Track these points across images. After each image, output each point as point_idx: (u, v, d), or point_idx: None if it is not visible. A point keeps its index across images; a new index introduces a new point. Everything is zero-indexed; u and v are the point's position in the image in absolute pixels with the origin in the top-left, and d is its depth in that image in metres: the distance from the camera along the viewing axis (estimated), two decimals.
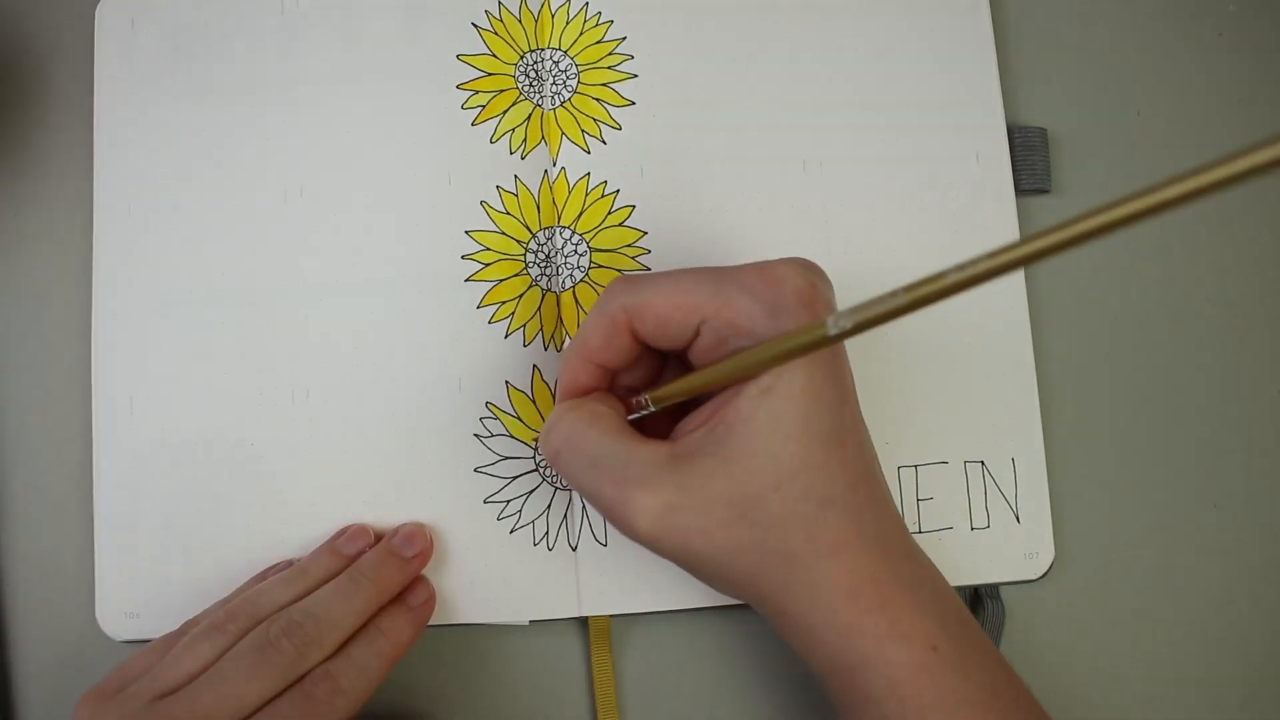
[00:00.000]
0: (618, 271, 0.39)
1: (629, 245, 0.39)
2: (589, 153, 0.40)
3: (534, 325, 0.39)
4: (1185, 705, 0.39)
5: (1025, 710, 0.31)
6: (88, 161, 0.41)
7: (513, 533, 0.38)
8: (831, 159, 0.40)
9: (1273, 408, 0.41)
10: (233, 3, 0.41)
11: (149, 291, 0.40)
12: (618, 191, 0.40)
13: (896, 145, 0.40)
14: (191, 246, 0.40)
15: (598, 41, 0.41)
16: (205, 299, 0.39)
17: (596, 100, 0.40)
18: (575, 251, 0.39)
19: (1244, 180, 0.21)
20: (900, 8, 0.41)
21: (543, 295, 0.39)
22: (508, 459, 0.38)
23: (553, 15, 0.41)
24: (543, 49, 0.41)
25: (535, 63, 0.41)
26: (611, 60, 0.41)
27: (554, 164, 0.40)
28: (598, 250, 0.39)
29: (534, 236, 0.40)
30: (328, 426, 0.39)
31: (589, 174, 0.40)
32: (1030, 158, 0.41)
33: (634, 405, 0.33)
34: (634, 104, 0.40)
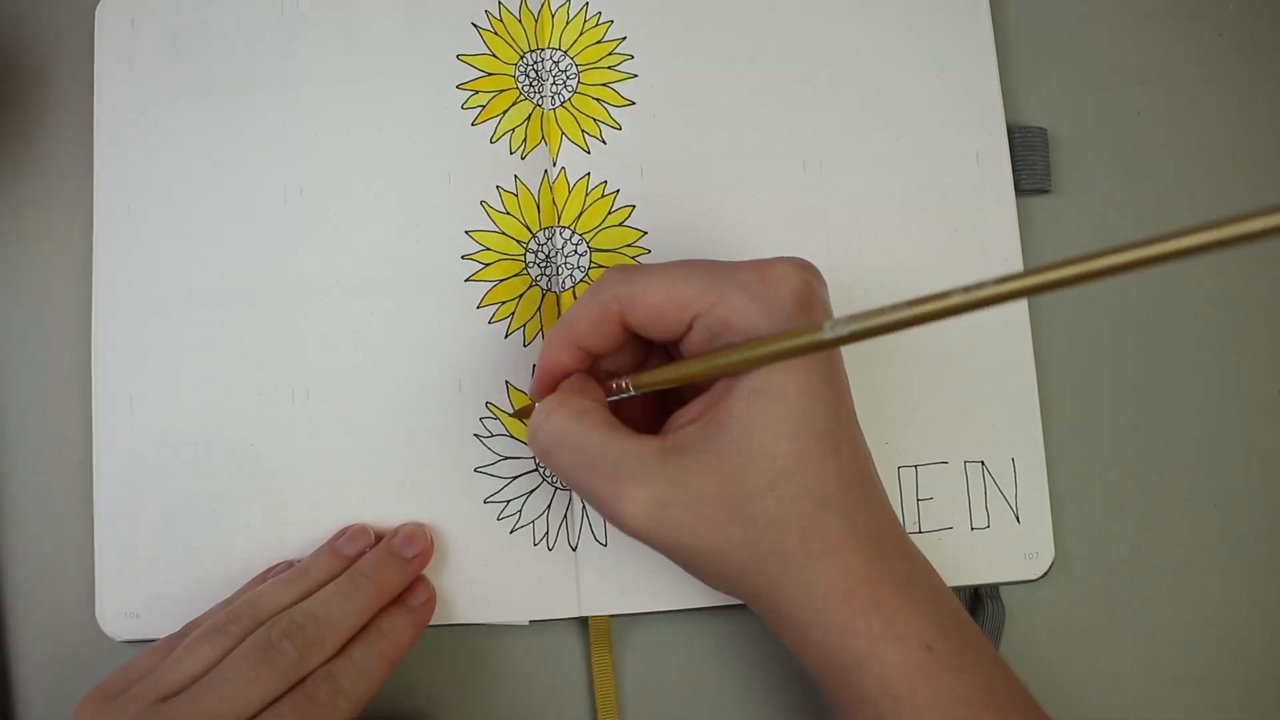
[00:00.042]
0: None
1: (629, 245, 0.39)
2: (589, 153, 0.40)
3: (534, 325, 0.39)
4: (1185, 705, 0.39)
5: (1022, 710, 0.31)
6: (88, 161, 0.41)
7: (513, 533, 0.38)
8: (831, 159, 0.40)
9: (1273, 408, 0.41)
10: (233, 3, 0.41)
11: (149, 291, 0.39)
12: (618, 191, 0.40)
13: (896, 145, 0.40)
14: (191, 246, 0.40)
15: (598, 41, 0.41)
16: (205, 299, 0.39)
17: (596, 100, 0.40)
18: (575, 251, 0.39)
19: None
20: (900, 8, 0.41)
21: (543, 295, 0.39)
22: (508, 459, 0.38)
23: (553, 15, 0.41)
24: (543, 49, 0.41)
25: (535, 63, 0.41)
26: (611, 60, 0.41)
27: (554, 164, 0.40)
28: (598, 250, 0.39)
29: (534, 236, 0.40)
30: (328, 426, 0.39)
31: (589, 174, 0.40)
32: (1030, 158, 0.41)
33: (614, 388, 0.33)
34: (634, 104, 0.40)
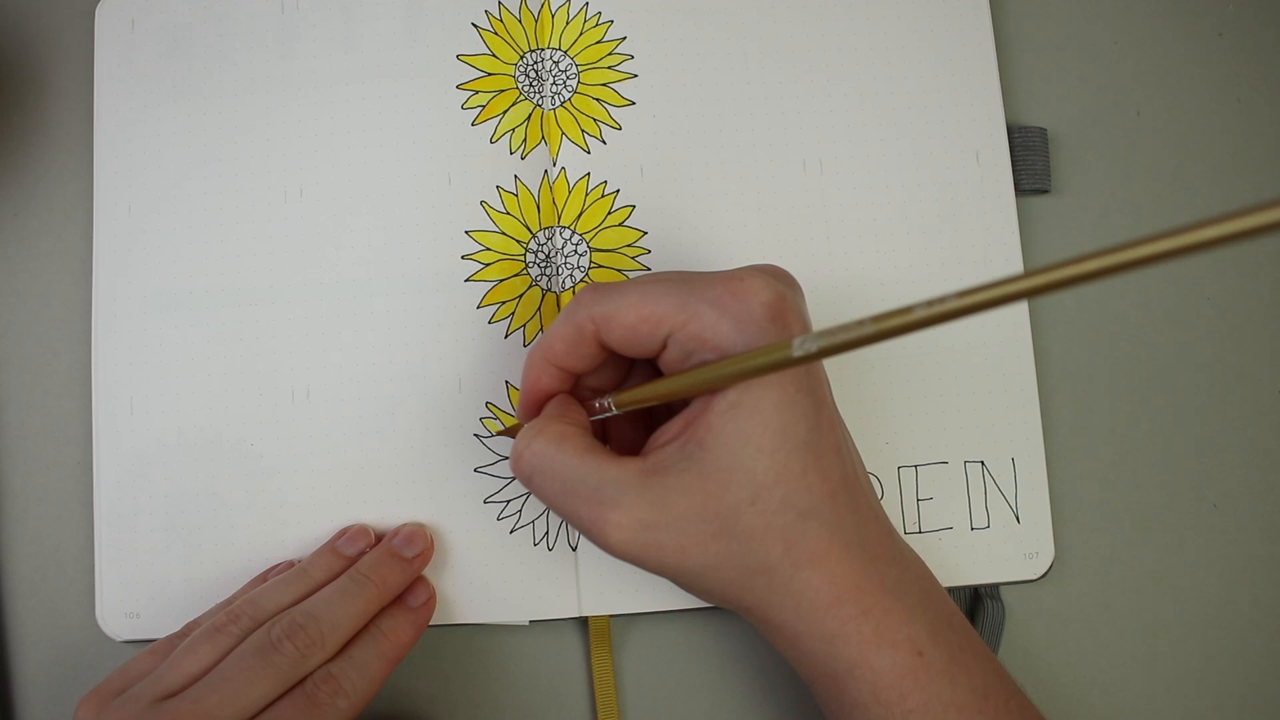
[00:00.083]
0: (618, 271, 0.39)
1: (629, 245, 0.39)
2: (589, 153, 0.40)
3: (534, 325, 0.39)
4: (1185, 705, 0.39)
5: (1015, 713, 0.31)
6: (88, 161, 0.41)
7: (513, 533, 0.38)
8: (831, 159, 0.40)
9: (1273, 408, 0.41)
10: (233, 3, 0.41)
11: (149, 291, 0.39)
12: (618, 191, 0.40)
13: (896, 145, 0.40)
14: (191, 247, 0.40)
15: (598, 41, 0.41)
16: (205, 299, 0.39)
17: (596, 100, 0.40)
18: (575, 251, 0.39)
19: (1233, 242, 0.20)
20: (900, 8, 0.41)
21: (543, 295, 0.39)
22: (507, 459, 0.38)
23: (553, 15, 0.41)
24: (543, 49, 0.41)
25: (535, 63, 0.41)
26: (611, 60, 0.41)
27: (554, 164, 0.40)
28: (598, 250, 0.39)
29: (534, 236, 0.40)
30: (328, 426, 0.39)
31: (589, 174, 0.40)
32: (1030, 158, 0.41)
33: (597, 407, 0.33)
34: (634, 104, 0.40)
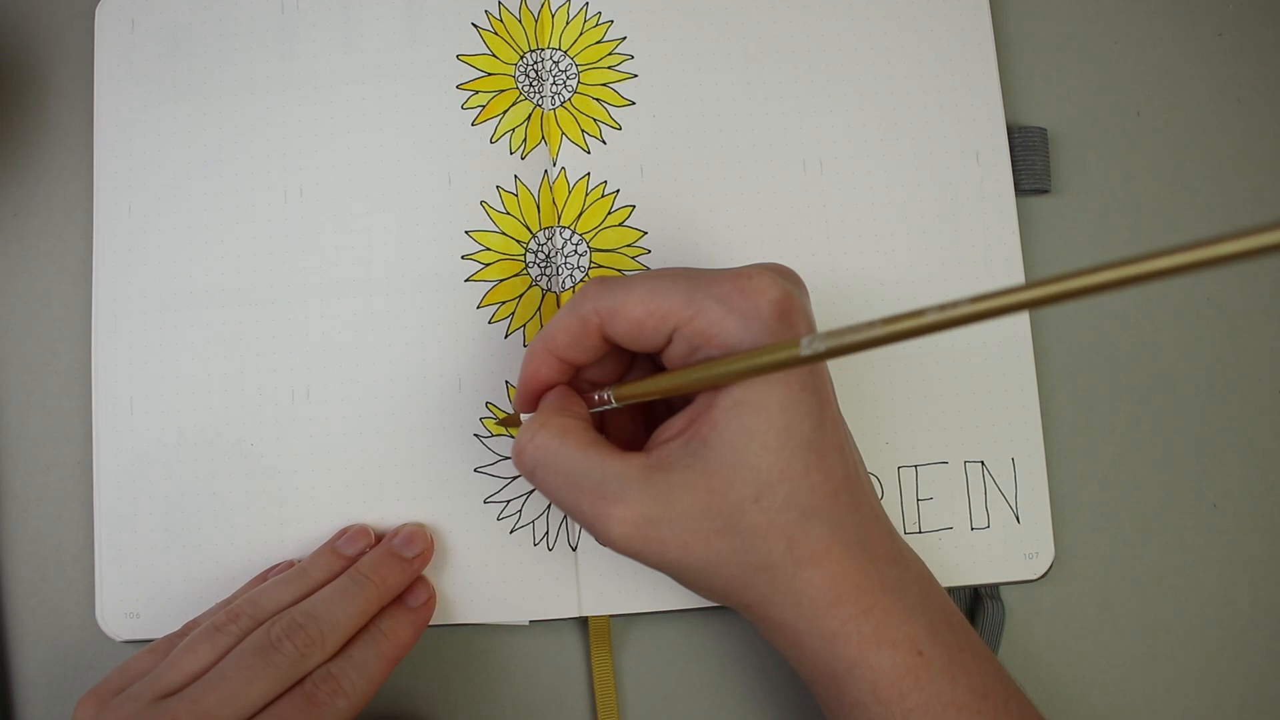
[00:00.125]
0: (618, 271, 0.39)
1: (629, 245, 0.39)
2: (589, 153, 0.40)
3: (534, 325, 0.39)
4: (1185, 705, 0.39)
5: (1015, 712, 0.31)
6: (88, 161, 0.41)
7: (513, 533, 0.38)
8: (831, 159, 0.40)
9: (1273, 408, 0.41)
10: (233, 3, 0.41)
11: (149, 291, 0.39)
12: (618, 191, 0.40)
13: (896, 145, 0.40)
14: (191, 246, 0.40)
15: (598, 41, 0.41)
16: (205, 299, 0.39)
17: (596, 100, 0.40)
18: (575, 251, 0.39)
19: (1245, 259, 0.20)
20: (900, 8, 0.41)
21: (543, 295, 0.39)
22: (508, 459, 0.38)
23: (553, 15, 0.41)
24: (543, 49, 0.41)
25: (535, 63, 0.41)
26: (611, 60, 0.41)
27: (554, 164, 0.40)
28: (598, 250, 0.39)
29: (534, 236, 0.40)
30: (328, 426, 0.39)
31: (589, 174, 0.40)
32: (1030, 158, 0.41)
33: (595, 400, 0.33)
34: (634, 104, 0.40)
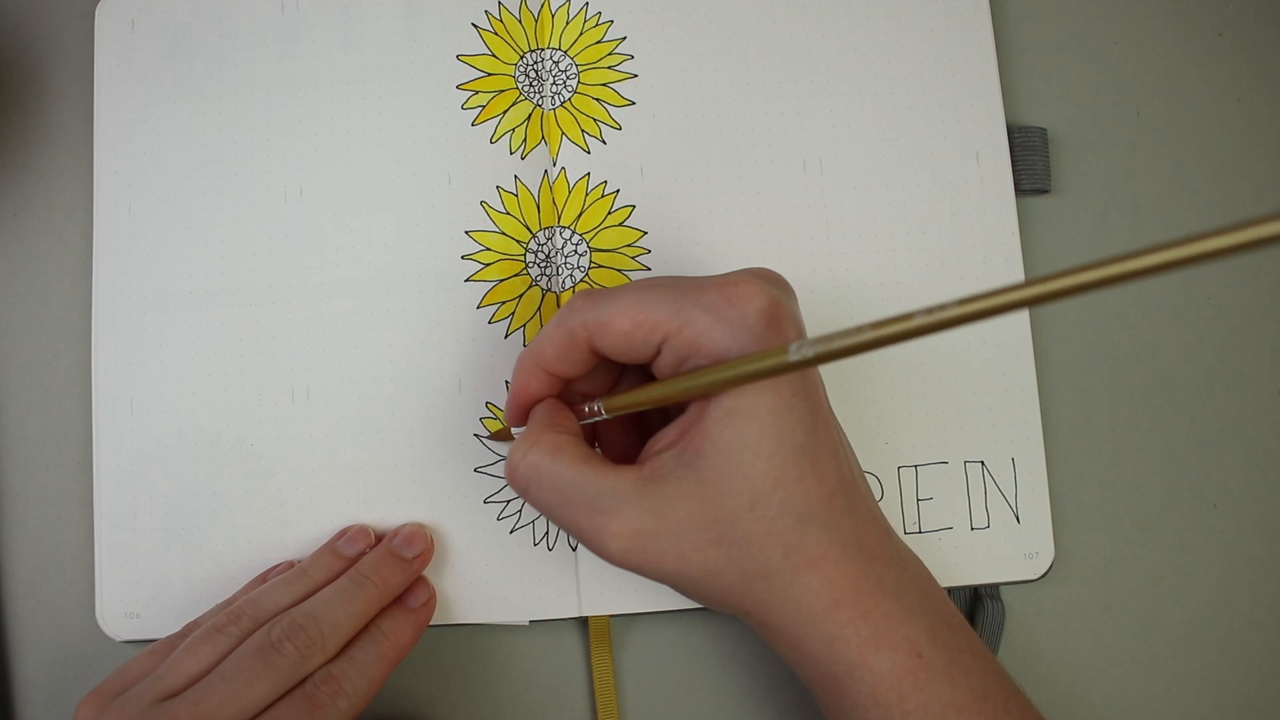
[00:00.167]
0: (618, 271, 0.39)
1: (629, 245, 0.39)
2: (589, 153, 0.40)
3: (534, 325, 0.39)
4: (1185, 705, 0.39)
5: (1015, 713, 0.31)
6: (88, 161, 0.41)
7: (513, 533, 0.38)
8: (831, 159, 0.40)
9: (1273, 408, 0.41)
10: (232, 3, 0.41)
11: (149, 291, 0.39)
12: (618, 191, 0.40)
13: (896, 145, 0.40)
14: (191, 246, 0.40)
15: (598, 41, 0.41)
16: (205, 299, 0.39)
17: (596, 100, 0.40)
18: (575, 251, 0.39)
19: (1229, 255, 0.20)
20: (900, 8, 0.41)
21: (543, 295, 0.39)
22: (504, 457, 0.38)
23: (553, 15, 0.41)
24: (543, 49, 0.41)
25: (535, 63, 0.41)
26: (611, 60, 0.41)
27: (554, 164, 0.40)
28: (598, 250, 0.39)
29: (534, 236, 0.40)
30: (328, 426, 0.39)
31: (589, 174, 0.40)
32: (1030, 158, 0.41)
33: (586, 412, 0.33)
34: (634, 104, 0.40)
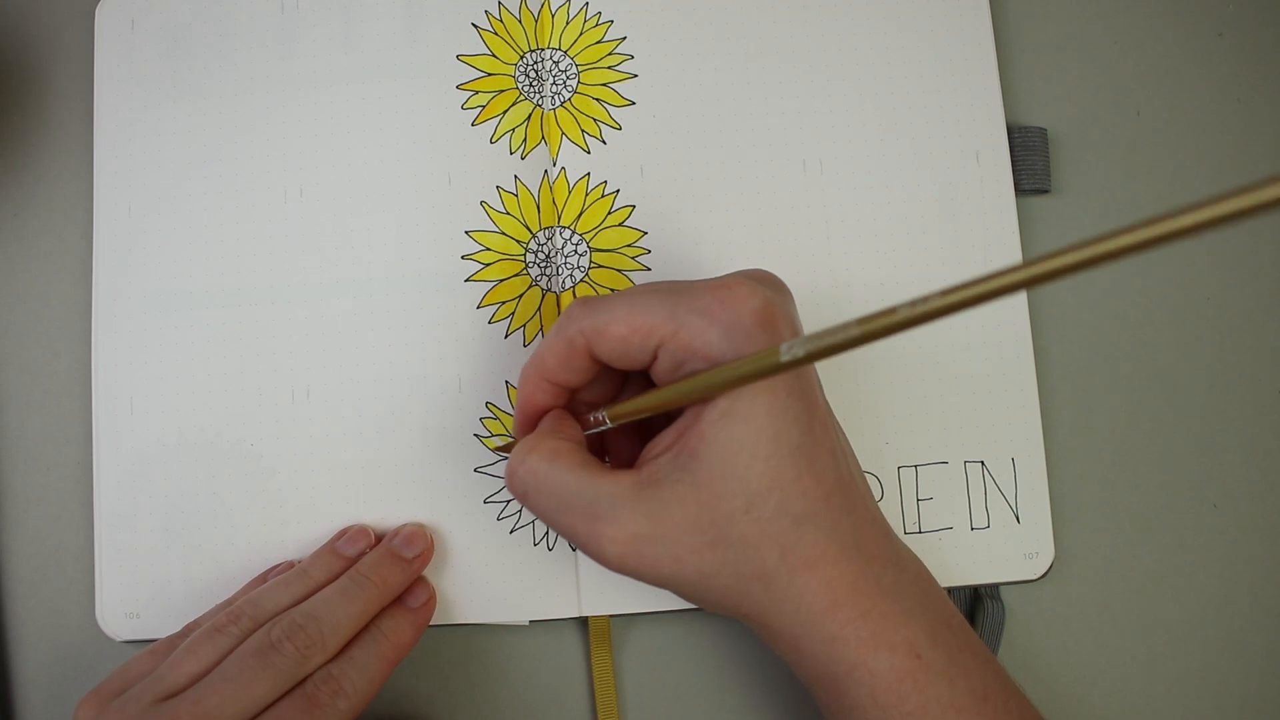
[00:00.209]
0: (618, 271, 0.39)
1: (629, 245, 0.39)
2: (589, 153, 0.40)
3: (534, 325, 0.39)
4: (1185, 705, 0.39)
5: (1015, 714, 0.31)
6: (88, 161, 0.41)
7: (513, 533, 0.38)
8: (831, 159, 0.40)
9: (1273, 408, 0.41)
10: (232, 3, 0.41)
11: (149, 291, 0.39)
12: (618, 191, 0.40)
13: (896, 145, 0.40)
14: (191, 246, 0.40)
15: (598, 41, 0.41)
16: (205, 299, 0.39)
17: (596, 100, 0.40)
18: (575, 251, 0.39)
19: (1212, 227, 0.20)
20: (900, 8, 0.41)
21: (543, 295, 0.39)
22: (507, 459, 0.38)
23: (553, 15, 0.41)
24: (543, 49, 0.41)
25: (535, 63, 0.41)
26: (611, 60, 0.41)
27: (554, 164, 0.40)
28: (598, 250, 0.39)
29: (534, 236, 0.40)
30: (328, 426, 0.39)
31: (589, 174, 0.40)
32: (1030, 158, 0.41)
33: (591, 421, 0.33)
34: (634, 104, 0.40)
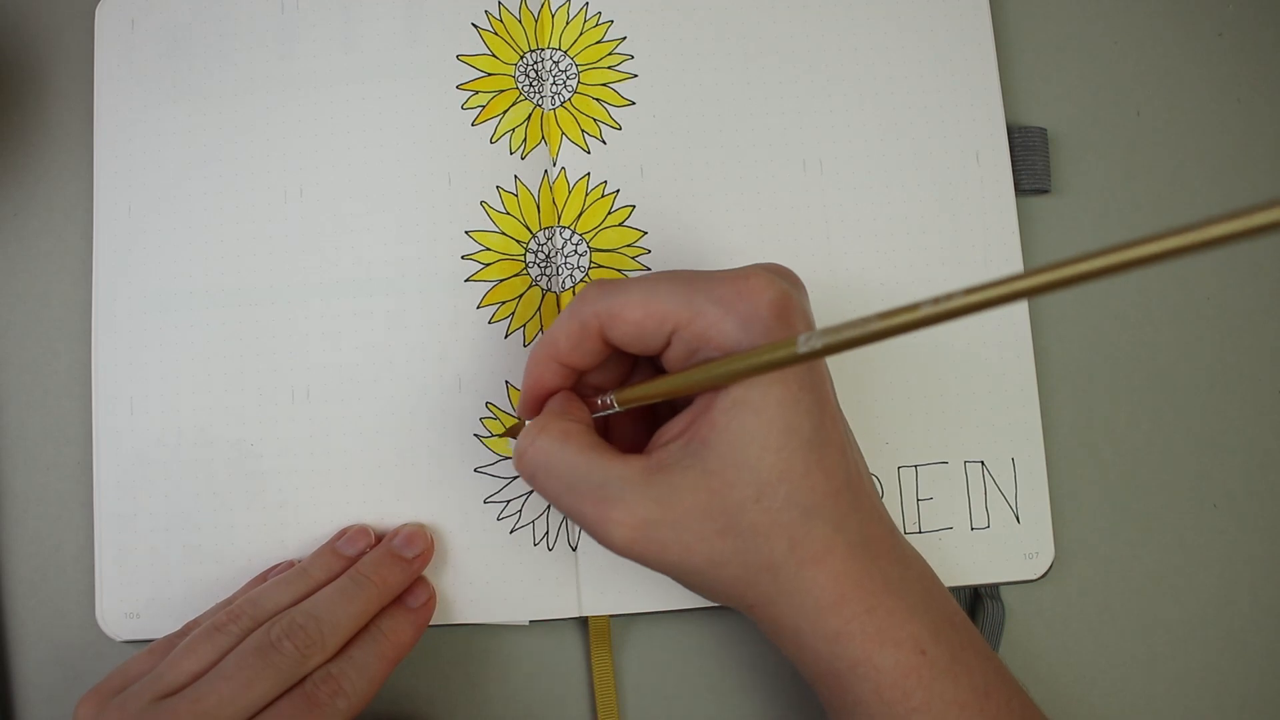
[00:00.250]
0: (618, 271, 0.39)
1: (629, 245, 0.39)
2: (589, 153, 0.40)
3: (534, 325, 0.39)
4: (1185, 705, 0.39)
5: (1017, 711, 0.31)
6: (88, 161, 0.41)
7: (513, 533, 0.38)
8: (831, 159, 0.40)
9: (1273, 408, 0.41)
10: (232, 3, 0.41)
11: (149, 291, 0.39)
12: (618, 191, 0.40)
13: (896, 145, 0.40)
14: (191, 247, 0.40)
15: (598, 41, 0.41)
16: (205, 299, 0.39)
17: (596, 100, 0.40)
18: (575, 251, 0.39)
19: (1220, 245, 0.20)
20: (900, 8, 0.41)
21: (543, 295, 0.39)
22: (507, 459, 0.38)
23: (553, 15, 0.41)
24: (543, 49, 0.41)
25: (535, 63, 0.41)
26: (611, 60, 0.41)
27: (554, 164, 0.40)
28: (598, 250, 0.39)
29: (534, 236, 0.40)
30: (328, 426, 0.39)
31: (589, 174, 0.40)
32: (1030, 158, 0.41)
33: (599, 404, 0.33)
34: (634, 104, 0.40)
